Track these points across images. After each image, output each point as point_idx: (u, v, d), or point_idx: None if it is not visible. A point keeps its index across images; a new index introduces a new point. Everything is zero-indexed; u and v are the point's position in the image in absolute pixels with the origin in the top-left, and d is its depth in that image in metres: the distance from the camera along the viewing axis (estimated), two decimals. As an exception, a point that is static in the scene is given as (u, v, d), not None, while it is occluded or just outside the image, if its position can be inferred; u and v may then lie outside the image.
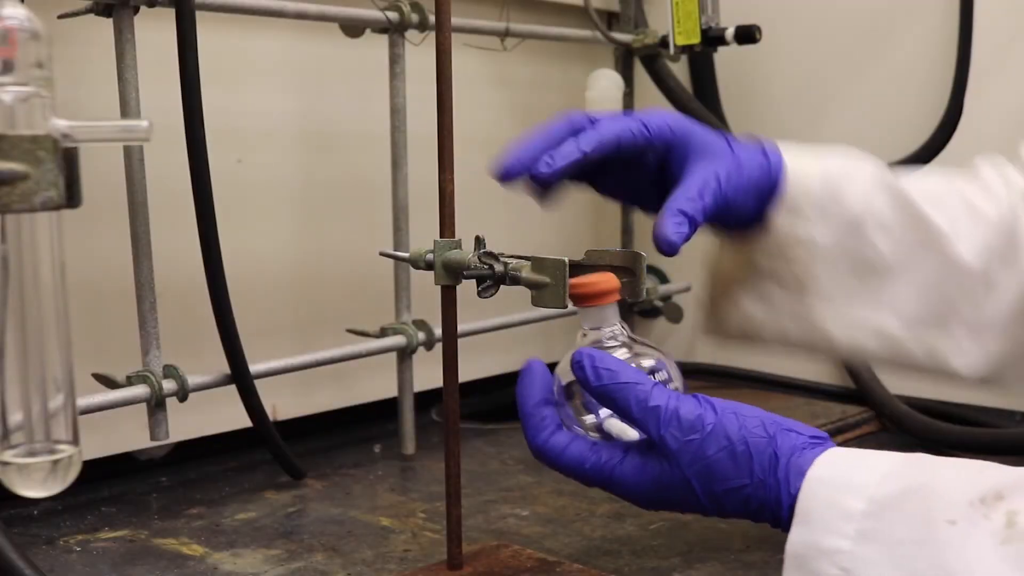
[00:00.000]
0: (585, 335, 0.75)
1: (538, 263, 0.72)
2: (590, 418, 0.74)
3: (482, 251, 0.75)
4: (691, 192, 0.75)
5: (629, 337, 0.75)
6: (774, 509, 0.67)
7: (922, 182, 0.87)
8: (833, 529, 0.62)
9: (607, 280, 0.72)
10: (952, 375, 0.87)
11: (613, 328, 0.74)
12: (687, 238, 0.74)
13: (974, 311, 0.85)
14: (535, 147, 0.75)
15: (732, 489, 0.67)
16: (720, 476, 0.67)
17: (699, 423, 0.67)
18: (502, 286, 0.76)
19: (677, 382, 0.75)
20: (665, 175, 0.80)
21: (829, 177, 0.83)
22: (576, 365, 0.70)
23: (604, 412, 0.73)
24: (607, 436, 0.73)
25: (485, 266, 0.75)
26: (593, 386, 0.69)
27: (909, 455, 0.66)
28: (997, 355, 0.86)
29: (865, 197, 0.84)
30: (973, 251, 0.84)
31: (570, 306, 0.73)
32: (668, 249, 0.74)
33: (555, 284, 0.71)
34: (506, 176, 0.74)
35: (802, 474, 0.65)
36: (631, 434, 0.72)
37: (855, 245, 0.84)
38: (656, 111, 0.78)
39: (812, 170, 0.83)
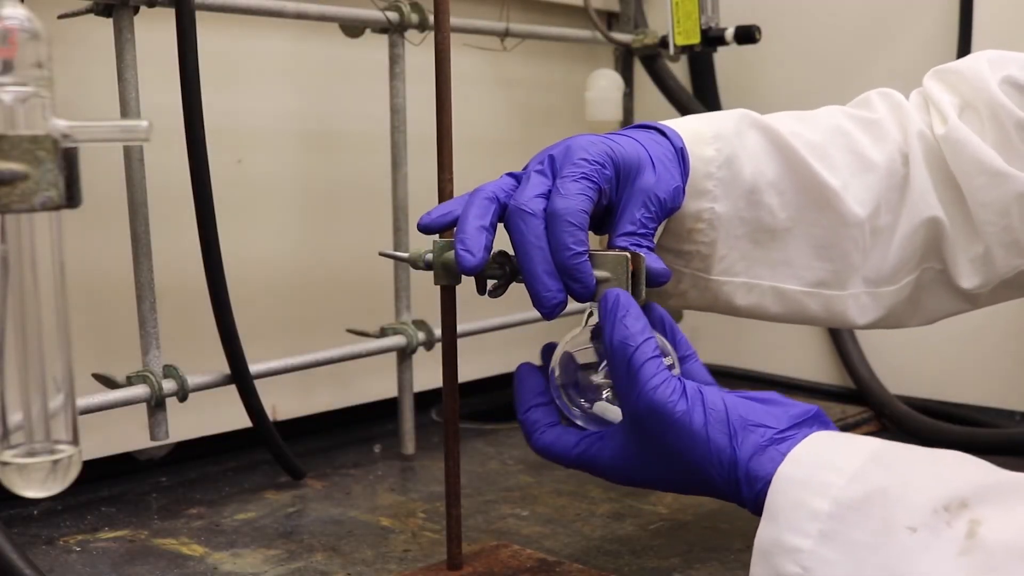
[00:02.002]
0: (592, 314, 0.75)
1: (600, 259, 0.73)
2: (586, 402, 0.75)
3: (497, 251, 0.75)
4: (642, 227, 0.76)
5: None
6: (739, 501, 0.68)
7: (810, 133, 0.88)
8: (797, 528, 0.62)
9: (627, 255, 0.73)
10: (849, 326, 0.92)
11: None
12: (662, 261, 0.76)
13: (865, 261, 0.89)
14: (549, 278, 0.72)
15: (696, 479, 0.68)
16: (681, 467, 0.68)
17: (666, 410, 0.67)
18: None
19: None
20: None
21: (725, 151, 0.84)
22: (605, 307, 0.70)
23: (596, 398, 0.75)
24: (599, 419, 0.74)
25: (496, 266, 0.75)
26: (605, 332, 0.70)
27: (882, 450, 0.64)
28: (889, 300, 0.90)
29: (758, 165, 0.85)
30: (861, 203, 0.87)
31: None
32: (667, 277, 0.76)
33: (617, 279, 0.73)
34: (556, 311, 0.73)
35: (758, 478, 0.65)
36: (617, 417, 0.73)
37: (752, 214, 0.86)
38: (578, 147, 0.75)
39: (709, 150, 0.84)
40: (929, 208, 0.88)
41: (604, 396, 0.74)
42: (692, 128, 0.84)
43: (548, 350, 0.78)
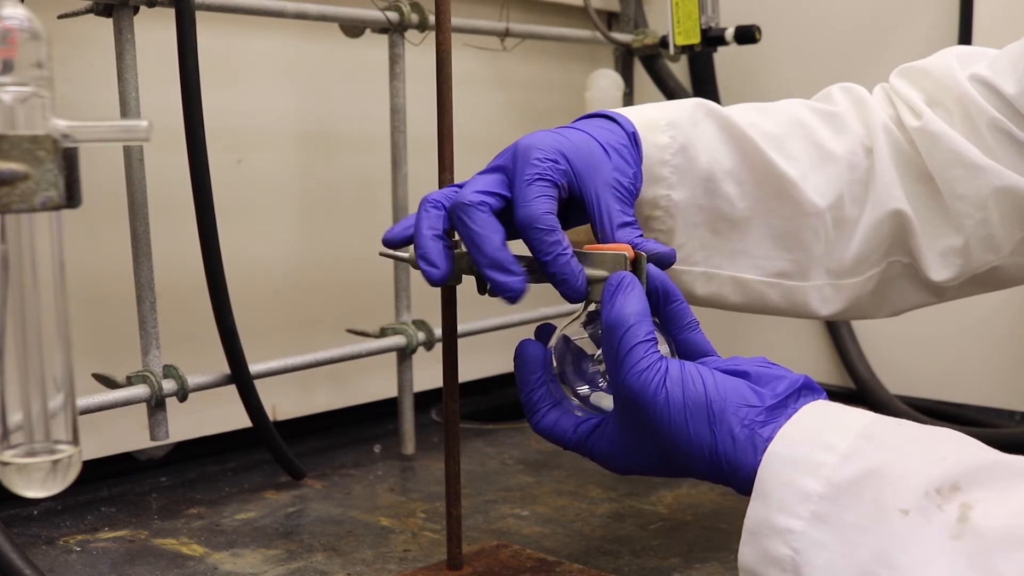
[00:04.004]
0: (590, 301, 0.75)
1: (598, 258, 0.72)
2: (582, 389, 0.74)
3: None
4: (618, 218, 0.76)
5: None
6: (726, 484, 0.67)
7: (768, 124, 0.88)
8: (788, 509, 0.61)
9: (626, 252, 0.73)
10: (811, 316, 0.92)
11: None
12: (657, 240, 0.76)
13: (827, 252, 0.89)
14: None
15: (682, 464, 0.67)
16: (667, 453, 0.67)
17: (647, 394, 0.66)
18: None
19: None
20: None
21: (679, 139, 0.84)
22: (608, 288, 0.70)
23: (592, 386, 0.74)
24: (595, 407, 0.74)
25: None
26: (603, 312, 0.69)
27: (873, 425, 0.63)
28: (852, 292, 0.90)
29: (713, 154, 0.85)
30: (821, 194, 0.87)
31: None
32: (673, 258, 0.75)
33: None
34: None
35: (741, 466, 0.64)
36: (611, 405, 0.73)
37: (710, 202, 0.86)
38: (529, 146, 0.74)
39: (663, 137, 0.84)
40: (894, 201, 0.88)
41: (600, 385, 0.74)
42: (645, 115, 0.84)
43: (544, 331, 0.77)
